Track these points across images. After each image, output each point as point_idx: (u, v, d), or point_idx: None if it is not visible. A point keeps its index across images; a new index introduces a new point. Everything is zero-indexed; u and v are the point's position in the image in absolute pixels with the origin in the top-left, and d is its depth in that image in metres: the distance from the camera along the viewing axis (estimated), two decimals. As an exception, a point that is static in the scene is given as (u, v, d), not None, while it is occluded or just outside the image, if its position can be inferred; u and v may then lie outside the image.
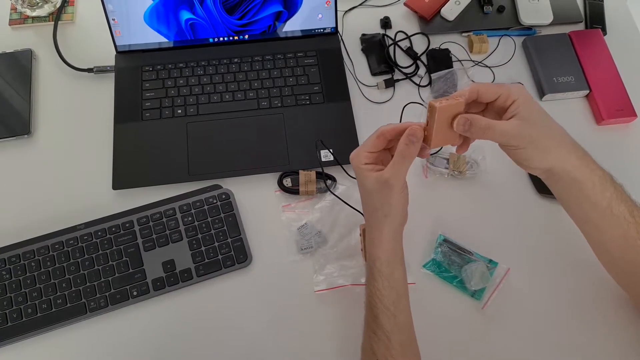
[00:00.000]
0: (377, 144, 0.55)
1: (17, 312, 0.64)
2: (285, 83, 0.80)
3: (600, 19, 0.88)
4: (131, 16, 0.78)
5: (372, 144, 0.55)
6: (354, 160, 0.56)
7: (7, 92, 0.79)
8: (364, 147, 0.56)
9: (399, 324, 0.54)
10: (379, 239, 0.56)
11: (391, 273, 0.55)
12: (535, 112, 0.52)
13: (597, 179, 0.53)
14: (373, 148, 0.56)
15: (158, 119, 0.77)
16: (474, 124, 0.51)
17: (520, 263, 0.68)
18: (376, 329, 0.54)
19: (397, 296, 0.55)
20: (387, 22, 0.87)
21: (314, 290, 0.66)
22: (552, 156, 0.53)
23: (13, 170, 0.75)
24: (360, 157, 0.56)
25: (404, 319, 0.55)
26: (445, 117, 0.52)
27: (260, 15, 0.80)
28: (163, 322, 0.66)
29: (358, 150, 0.56)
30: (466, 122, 0.51)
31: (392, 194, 0.54)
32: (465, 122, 0.51)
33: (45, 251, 0.67)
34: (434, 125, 0.52)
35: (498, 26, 0.87)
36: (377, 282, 0.55)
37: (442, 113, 0.51)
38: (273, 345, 0.64)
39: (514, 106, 0.51)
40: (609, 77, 0.81)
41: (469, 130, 0.52)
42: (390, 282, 0.55)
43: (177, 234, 0.69)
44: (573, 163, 0.53)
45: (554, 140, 0.53)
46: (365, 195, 0.57)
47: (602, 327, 0.64)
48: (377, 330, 0.54)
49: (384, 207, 0.55)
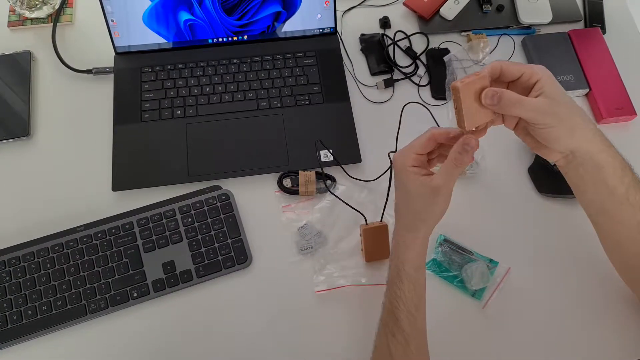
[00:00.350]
0: (427, 145, 0.53)
1: (17, 314, 0.64)
2: (285, 83, 0.80)
3: (600, 18, 0.88)
4: (130, 17, 0.78)
5: (421, 145, 0.53)
6: (400, 160, 0.54)
7: (6, 94, 0.79)
8: (412, 149, 0.54)
9: (418, 328, 0.55)
10: (412, 242, 0.55)
11: (417, 279, 0.55)
12: (560, 91, 0.50)
13: (619, 164, 0.52)
14: (422, 150, 0.54)
15: (157, 120, 0.77)
16: (504, 97, 0.48)
17: (521, 262, 0.68)
18: (396, 332, 0.54)
19: (419, 300, 0.55)
20: (386, 21, 0.87)
21: (314, 291, 0.66)
22: (578, 136, 0.51)
23: (12, 173, 0.75)
24: (408, 158, 0.53)
25: (422, 323, 0.56)
26: (472, 94, 0.49)
27: (259, 15, 0.80)
28: (163, 323, 0.66)
29: (405, 150, 0.54)
30: (495, 94, 0.49)
31: (438, 202, 0.53)
32: (494, 94, 0.49)
33: (45, 253, 0.67)
34: (462, 106, 0.48)
35: (497, 25, 0.87)
36: (403, 285, 0.55)
37: (466, 91, 0.48)
38: (273, 345, 0.64)
39: (539, 84, 0.50)
40: (608, 75, 0.81)
41: (499, 104, 0.49)
42: (416, 286, 0.55)
43: (177, 235, 0.69)
44: (598, 146, 0.52)
45: (579, 120, 0.51)
46: (406, 197, 0.55)
47: (603, 327, 0.64)
48: (397, 334, 0.54)
49: (425, 212, 0.54)
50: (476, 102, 0.50)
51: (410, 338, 0.53)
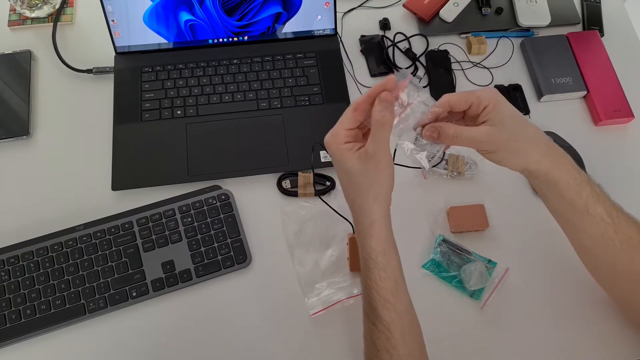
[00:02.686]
0: (353, 118, 0.52)
1: (16, 313, 0.64)
2: (285, 84, 0.80)
3: (598, 21, 0.88)
4: (130, 17, 0.78)
5: (349, 119, 0.52)
6: (331, 141, 0.52)
7: (6, 93, 0.79)
8: (341, 125, 0.52)
9: (398, 312, 0.53)
10: (371, 229, 0.53)
11: (387, 262, 0.53)
12: (506, 116, 0.52)
13: (572, 179, 0.54)
14: (351, 124, 0.52)
15: (157, 119, 0.77)
16: (442, 133, 0.53)
17: (519, 263, 0.68)
18: (376, 321, 0.53)
19: (395, 285, 0.53)
20: (386, 23, 0.87)
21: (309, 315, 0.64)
22: (524, 158, 0.53)
23: (12, 172, 0.75)
24: (339, 136, 0.52)
25: (404, 306, 0.54)
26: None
27: (259, 16, 0.80)
28: (162, 323, 0.66)
29: (334, 130, 0.53)
30: (434, 130, 0.53)
31: (380, 170, 0.51)
32: (433, 130, 0.53)
33: (45, 252, 0.67)
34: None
35: (496, 27, 0.87)
36: (373, 275, 0.53)
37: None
38: (272, 345, 0.64)
39: (484, 112, 0.52)
40: (606, 78, 0.81)
41: (438, 138, 0.53)
42: (387, 272, 0.53)
43: (176, 235, 0.69)
44: (546, 165, 0.53)
45: (526, 143, 0.53)
46: (349, 180, 0.53)
47: (602, 327, 0.65)
48: (377, 322, 0.53)
49: (373, 188, 0.52)
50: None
51: (391, 325, 0.52)
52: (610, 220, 0.53)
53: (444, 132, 0.52)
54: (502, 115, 0.52)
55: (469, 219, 0.70)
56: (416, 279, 0.67)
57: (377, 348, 0.53)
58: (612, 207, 0.54)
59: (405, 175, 0.73)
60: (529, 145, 0.53)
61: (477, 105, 0.52)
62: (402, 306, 0.54)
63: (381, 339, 0.52)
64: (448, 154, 0.74)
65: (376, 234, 0.53)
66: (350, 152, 0.52)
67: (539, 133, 0.54)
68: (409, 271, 0.55)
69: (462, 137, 0.52)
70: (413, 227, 0.71)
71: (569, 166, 0.54)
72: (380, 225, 0.53)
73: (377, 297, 0.53)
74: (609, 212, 0.54)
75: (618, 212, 0.54)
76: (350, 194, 0.55)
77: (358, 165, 0.51)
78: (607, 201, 0.55)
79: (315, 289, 0.66)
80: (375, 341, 0.53)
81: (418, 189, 0.74)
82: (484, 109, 0.52)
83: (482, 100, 0.52)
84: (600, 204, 0.54)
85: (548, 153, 0.54)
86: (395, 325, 0.52)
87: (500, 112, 0.52)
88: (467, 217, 0.70)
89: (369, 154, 0.51)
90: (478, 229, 0.70)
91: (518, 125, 0.53)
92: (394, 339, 0.52)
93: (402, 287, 0.55)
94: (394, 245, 0.55)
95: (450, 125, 0.53)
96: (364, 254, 0.55)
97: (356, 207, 0.54)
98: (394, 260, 0.54)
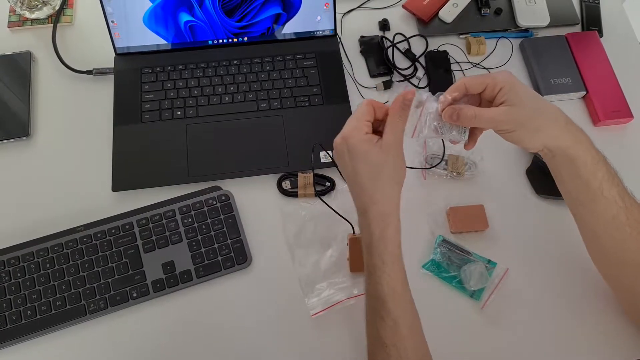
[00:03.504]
0: (369, 111, 0.54)
1: (16, 314, 0.64)
2: (285, 85, 0.80)
3: (597, 21, 0.88)
4: (130, 18, 0.78)
5: (367, 111, 0.54)
6: (352, 134, 0.53)
7: (6, 95, 0.79)
8: (361, 117, 0.54)
9: (406, 308, 0.54)
10: (389, 218, 0.54)
11: (400, 254, 0.54)
12: (523, 95, 0.54)
13: (590, 158, 0.54)
14: (369, 116, 0.54)
15: (157, 120, 0.77)
16: (462, 114, 0.54)
17: (519, 263, 0.68)
18: (384, 315, 0.53)
19: (404, 277, 0.55)
20: (386, 24, 0.88)
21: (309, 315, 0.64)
22: (543, 136, 0.54)
23: (12, 173, 0.75)
24: (361, 128, 0.53)
25: (410, 299, 0.55)
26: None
27: (259, 17, 0.80)
28: (163, 323, 0.66)
29: (355, 123, 0.54)
30: (454, 112, 0.54)
31: (400, 159, 0.54)
32: (453, 112, 0.54)
33: (45, 253, 0.67)
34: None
35: (495, 28, 0.87)
36: (387, 267, 0.53)
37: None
38: (272, 346, 0.64)
39: (500, 94, 0.54)
40: (605, 78, 0.81)
41: (458, 120, 0.54)
42: (400, 264, 0.54)
43: (176, 236, 0.69)
44: (566, 142, 0.54)
45: (544, 120, 0.54)
46: (371, 170, 0.53)
47: (601, 327, 0.65)
48: (385, 316, 0.53)
49: (397, 173, 0.54)
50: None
51: (399, 318, 0.52)
52: (622, 204, 0.54)
53: (464, 113, 0.54)
54: (520, 94, 0.53)
55: (468, 219, 0.70)
56: (416, 279, 0.67)
57: (383, 342, 0.53)
58: (625, 191, 0.55)
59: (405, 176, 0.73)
60: (548, 122, 0.54)
61: (492, 87, 0.54)
62: (408, 304, 0.55)
63: (389, 333, 0.52)
64: (448, 154, 0.74)
65: (394, 223, 0.54)
66: (372, 144, 0.53)
67: (558, 111, 0.55)
68: (408, 272, 0.55)
69: (481, 117, 0.54)
70: (413, 228, 0.71)
71: (588, 144, 0.55)
72: (397, 215, 0.54)
73: (387, 289, 0.53)
74: (622, 196, 0.54)
75: (631, 199, 0.55)
76: (370, 186, 0.54)
77: (381, 154, 0.53)
78: (621, 185, 0.55)
79: (316, 289, 0.66)
80: (382, 335, 0.53)
81: (418, 189, 0.74)
82: (499, 90, 0.54)
83: (498, 82, 0.54)
84: (615, 187, 0.54)
85: (568, 130, 0.55)
86: (403, 319, 0.53)
87: (517, 92, 0.53)
88: (467, 217, 0.70)
89: (389, 143, 0.53)
90: (478, 229, 0.70)
91: (536, 104, 0.54)
92: (402, 333, 0.52)
93: (407, 281, 0.55)
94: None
95: (469, 107, 0.54)
96: (379, 245, 0.54)
97: (378, 196, 0.54)
98: (402, 257, 0.55)
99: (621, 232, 0.55)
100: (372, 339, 0.55)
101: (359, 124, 0.54)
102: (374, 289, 0.55)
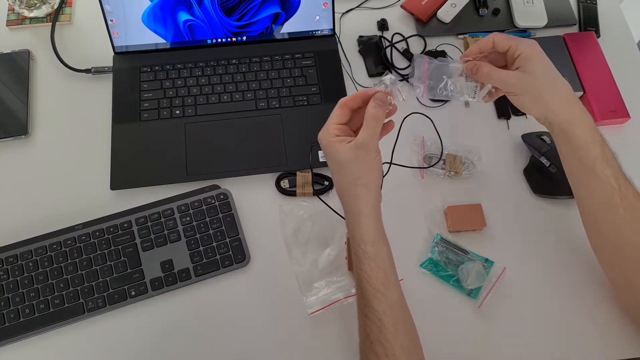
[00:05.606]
0: (342, 114, 0.56)
1: (14, 312, 0.64)
2: (283, 84, 0.80)
3: (594, 22, 0.89)
4: (129, 17, 0.78)
5: (338, 115, 0.56)
6: (322, 136, 0.56)
7: (4, 93, 0.79)
8: (330, 121, 0.56)
9: (390, 303, 0.53)
10: (359, 217, 0.55)
11: (377, 253, 0.54)
12: (539, 66, 0.56)
13: (584, 136, 0.56)
14: (340, 119, 0.56)
15: (156, 119, 0.77)
16: (479, 70, 0.59)
17: (516, 262, 0.69)
18: (368, 312, 0.53)
19: (385, 276, 0.54)
20: (384, 24, 0.88)
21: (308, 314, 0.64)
22: (544, 106, 0.57)
23: (11, 171, 0.75)
24: (329, 131, 0.55)
25: (395, 297, 0.55)
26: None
27: (258, 16, 0.81)
28: (161, 322, 0.66)
29: (325, 126, 0.56)
30: (474, 66, 0.59)
31: (370, 158, 0.54)
32: (473, 65, 0.59)
33: (43, 251, 0.67)
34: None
35: (493, 28, 0.88)
36: (363, 265, 0.54)
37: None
38: (270, 344, 0.65)
39: (518, 59, 0.57)
40: (602, 79, 0.82)
41: (477, 74, 0.59)
42: (377, 262, 0.54)
43: (175, 234, 0.69)
44: (563, 116, 0.57)
45: (550, 93, 0.57)
46: (340, 169, 0.55)
47: (599, 325, 0.65)
48: (369, 314, 0.53)
49: (364, 176, 0.54)
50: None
51: (383, 316, 0.52)
52: (617, 186, 0.55)
53: (481, 69, 0.58)
54: (535, 64, 0.56)
55: (466, 218, 0.71)
56: (414, 278, 0.67)
57: (370, 340, 0.53)
58: (621, 174, 0.56)
59: (403, 175, 0.73)
60: (553, 95, 0.57)
61: (514, 50, 0.57)
62: (393, 297, 0.54)
63: (374, 331, 0.53)
64: (446, 154, 0.74)
65: (364, 222, 0.55)
66: (340, 143, 0.54)
67: (568, 89, 0.58)
68: (406, 270, 0.56)
69: (493, 76, 0.58)
70: (411, 227, 0.71)
71: (585, 124, 0.57)
72: (368, 214, 0.55)
73: (369, 288, 0.54)
74: (617, 177, 0.55)
75: (626, 182, 0.56)
76: (340, 184, 0.57)
77: (349, 153, 0.54)
78: (617, 167, 0.56)
79: (314, 288, 0.66)
80: (369, 333, 0.53)
81: (416, 188, 0.74)
82: (518, 55, 0.57)
83: (520, 47, 0.57)
84: (609, 168, 0.55)
85: (569, 107, 0.57)
86: (387, 316, 0.53)
87: (534, 61, 0.56)
88: (464, 216, 0.71)
89: (359, 143, 0.54)
90: (475, 228, 0.70)
91: (548, 77, 0.57)
92: (387, 330, 0.52)
93: (392, 279, 0.55)
94: (384, 237, 0.56)
95: (487, 65, 0.59)
96: (354, 244, 0.56)
97: (346, 197, 0.57)
98: (383, 251, 0.55)
99: (615, 214, 0.56)
100: (361, 337, 0.56)
101: (328, 126, 0.56)
102: (357, 286, 0.56)
